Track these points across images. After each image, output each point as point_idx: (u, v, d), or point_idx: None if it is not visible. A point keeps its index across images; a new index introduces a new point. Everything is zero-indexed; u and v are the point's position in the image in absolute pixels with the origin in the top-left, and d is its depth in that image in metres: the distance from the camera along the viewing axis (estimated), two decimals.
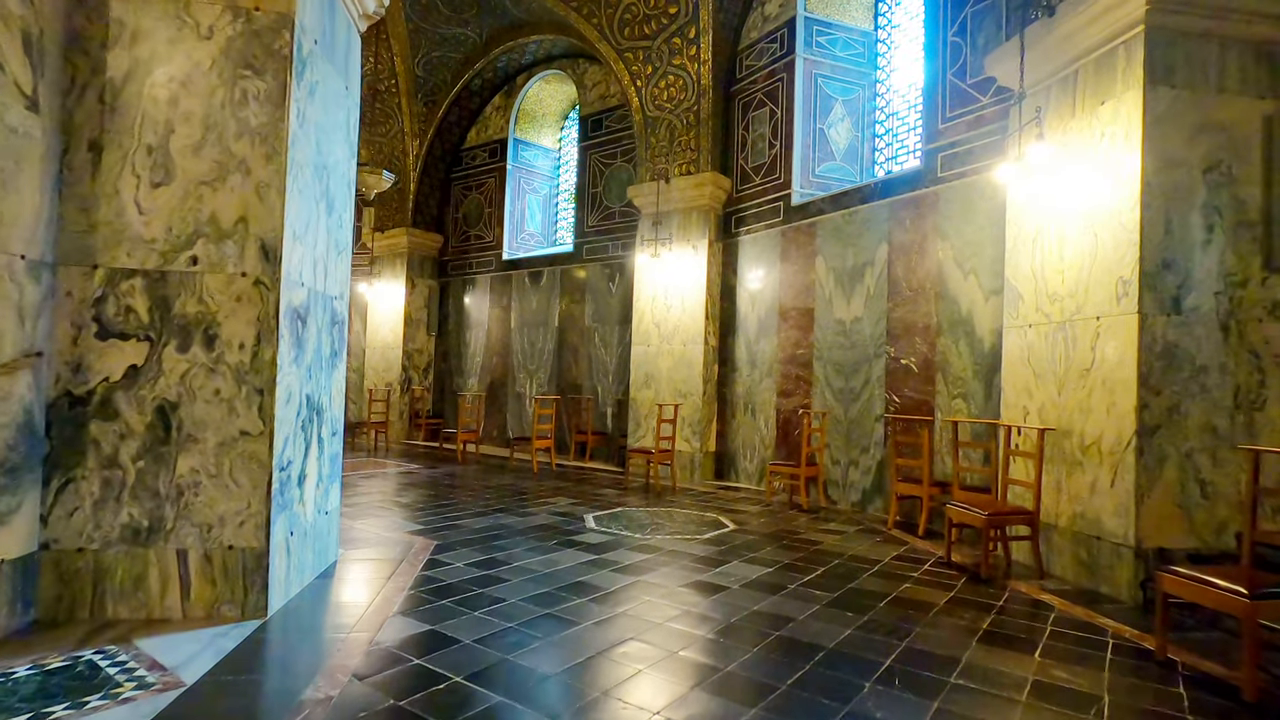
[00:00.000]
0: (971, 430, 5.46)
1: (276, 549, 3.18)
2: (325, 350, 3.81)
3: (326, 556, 3.95)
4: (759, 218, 7.88)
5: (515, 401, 11.01)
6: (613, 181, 10.03)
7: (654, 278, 8.56)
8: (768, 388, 7.61)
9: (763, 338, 7.73)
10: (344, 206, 4.05)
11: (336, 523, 4.13)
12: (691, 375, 8.17)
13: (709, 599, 3.59)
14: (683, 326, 8.28)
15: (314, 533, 3.71)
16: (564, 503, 6.29)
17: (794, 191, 7.49)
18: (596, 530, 5.17)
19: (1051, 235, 4.45)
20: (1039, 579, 4.18)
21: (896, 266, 6.26)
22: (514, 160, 11.63)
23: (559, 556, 4.35)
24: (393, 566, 4.01)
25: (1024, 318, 4.66)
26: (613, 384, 9.73)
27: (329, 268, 3.81)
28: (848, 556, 4.60)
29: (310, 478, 3.61)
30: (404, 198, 12.01)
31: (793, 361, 7.31)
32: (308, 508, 3.59)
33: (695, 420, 8.09)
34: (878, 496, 6.29)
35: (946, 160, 5.86)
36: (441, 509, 5.84)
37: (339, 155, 3.90)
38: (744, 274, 8.08)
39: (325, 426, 3.84)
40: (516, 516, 5.60)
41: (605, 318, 9.91)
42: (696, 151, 8.26)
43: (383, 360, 12.20)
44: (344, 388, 4.20)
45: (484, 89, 11.61)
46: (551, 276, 10.72)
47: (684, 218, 8.36)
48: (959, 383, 5.64)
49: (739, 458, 8.00)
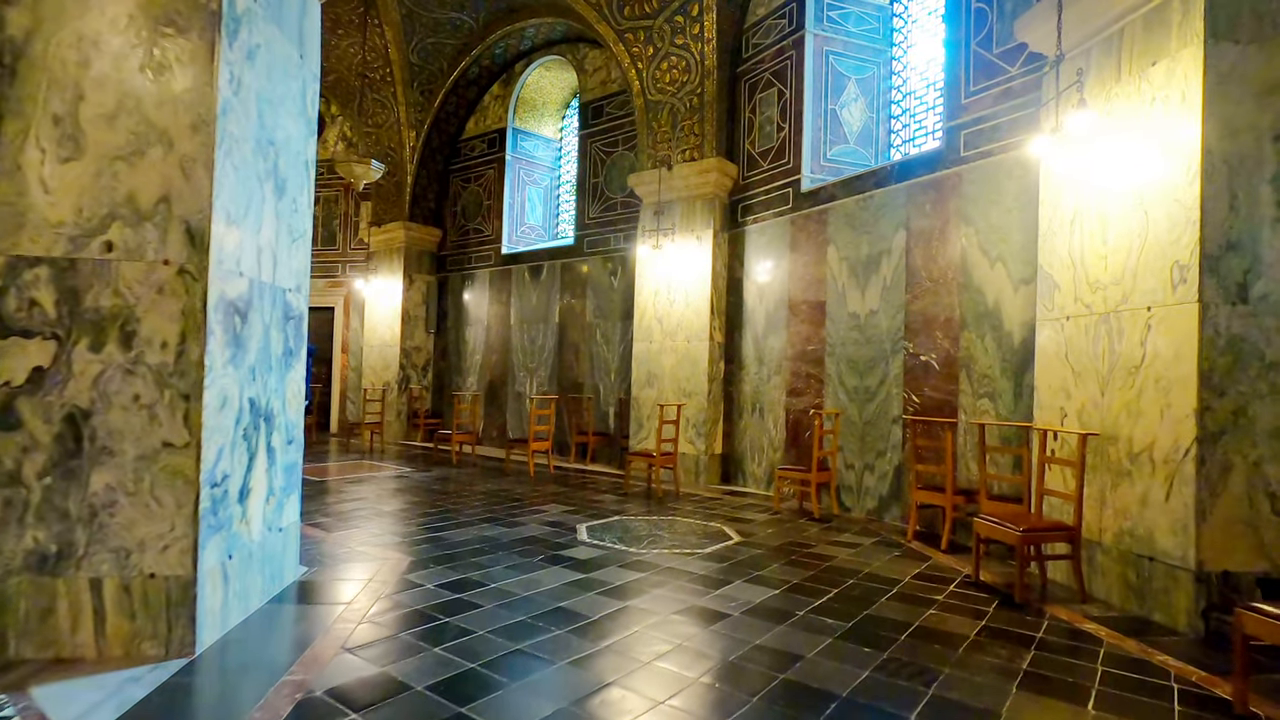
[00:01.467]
0: (999, 434, 4.98)
1: (207, 576, 2.78)
2: (275, 349, 3.41)
3: (281, 578, 3.55)
4: (767, 205, 7.41)
5: (515, 401, 10.62)
6: (614, 171, 9.59)
7: (656, 270, 8.11)
8: (776, 386, 7.15)
9: (771, 333, 7.27)
10: (299, 189, 3.64)
11: (294, 540, 3.74)
12: (696, 373, 7.73)
13: (707, 629, 3.15)
14: (686, 322, 7.83)
15: (263, 554, 3.31)
16: (557, 511, 5.88)
17: (804, 177, 7.01)
18: (588, 543, 4.75)
19: (1093, 216, 3.96)
20: (1080, 603, 3.71)
21: (915, 255, 5.78)
22: (513, 151, 11.22)
23: (542, 576, 3.93)
24: (357, 588, 3.61)
25: (1060, 309, 4.18)
26: (615, 382, 9.30)
27: (279, 257, 3.40)
28: (864, 575, 4.14)
29: (256, 492, 3.21)
30: (401, 191, 11.64)
31: (803, 358, 6.84)
32: (253, 526, 3.19)
33: (700, 421, 7.65)
34: (895, 504, 5.82)
35: (970, 138, 5.37)
36: (424, 519, 5.45)
37: (291, 131, 3.50)
38: (751, 266, 7.61)
39: (277, 434, 3.45)
40: (504, 527, 5.19)
41: (607, 313, 9.49)
42: (700, 137, 7.80)
43: (380, 359, 11.85)
44: (303, 390, 3.80)
45: (482, 77, 11.20)
46: (552, 271, 10.30)
47: (687, 207, 7.91)
48: (985, 381, 5.15)
49: (746, 461, 7.55)
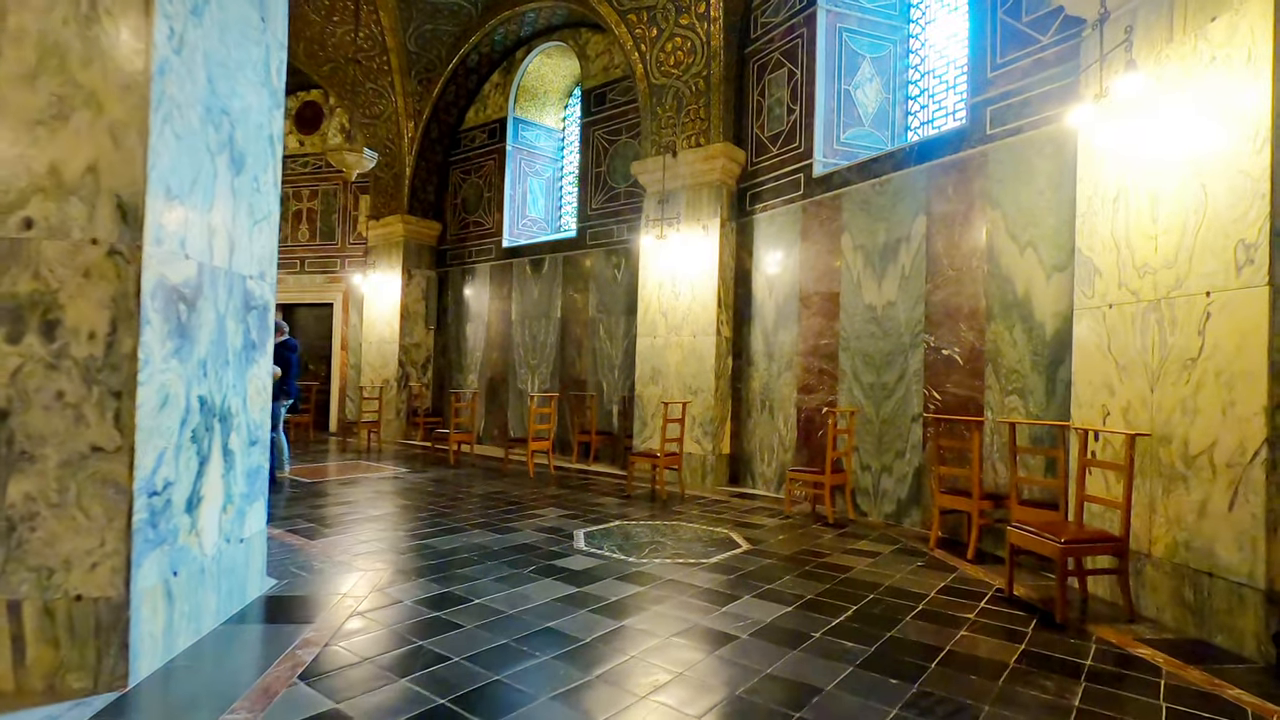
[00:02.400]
0: (1030, 434, 4.60)
1: (145, 597, 2.46)
2: (233, 341, 3.08)
3: (244, 594, 3.23)
4: (777, 192, 7.04)
5: (517, 399, 10.30)
6: (617, 160, 9.24)
7: (661, 262, 7.75)
8: (788, 383, 6.78)
9: (782, 327, 6.90)
10: (262, 166, 3.31)
11: (260, 552, 3.41)
12: (702, 369, 7.37)
13: (710, 655, 2.80)
14: (692, 315, 7.47)
15: (219, 569, 2.99)
16: (554, 515, 5.54)
17: (816, 161, 6.63)
18: (585, 552, 4.41)
19: (1140, 193, 3.57)
20: (1128, 623, 3.33)
21: (936, 242, 5.40)
22: (514, 141, 10.89)
23: (532, 590, 3.59)
24: (328, 605, 3.28)
25: (1102, 296, 3.79)
26: (619, 379, 8.96)
27: (237, 240, 3.08)
28: (885, 589, 3.78)
29: (209, 501, 2.89)
30: (399, 183, 11.34)
31: (816, 353, 6.47)
32: (206, 538, 2.87)
33: (706, 419, 7.29)
34: (915, 508, 5.44)
35: (998, 115, 4.97)
36: (413, 524, 5.12)
37: (250, 102, 3.16)
38: (760, 256, 7.24)
39: (236, 436, 3.12)
40: (496, 534, 4.85)
41: (610, 307, 9.14)
42: (706, 121, 7.43)
43: (379, 356, 11.56)
44: (267, 387, 3.48)
45: (482, 65, 10.87)
46: (554, 264, 9.96)
47: (693, 195, 7.54)
48: (1014, 376, 4.77)
49: (755, 461, 7.19)
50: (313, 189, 12.87)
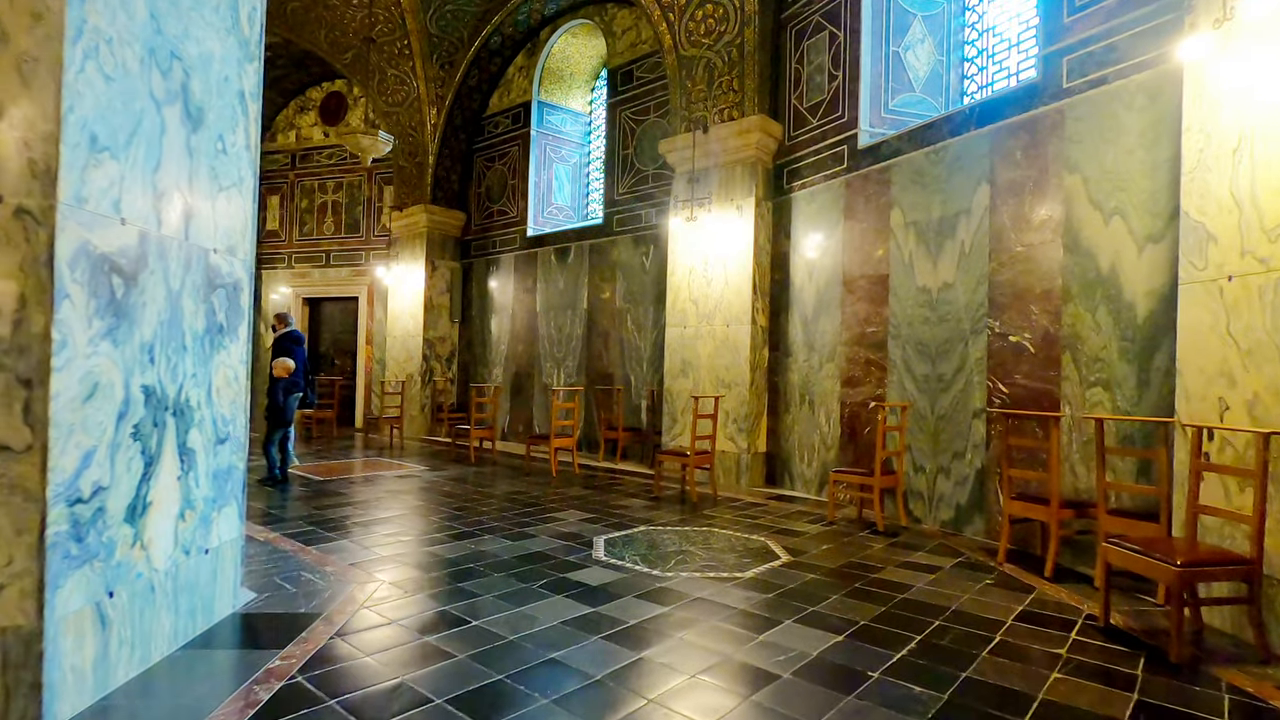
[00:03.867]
0: (1119, 432, 3.97)
1: (65, 625, 2.06)
2: (193, 324, 2.68)
3: (210, 612, 2.84)
4: (817, 167, 6.45)
5: (542, 394, 9.89)
6: (645, 140, 8.73)
7: (691, 246, 7.23)
8: (829, 375, 6.21)
9: (823, 314, 6.32)
10: (229, 125, 2.90)
11: (232, 563, 3.02)
12: (736, 361, 6.83)
13: (745, 701, 2.30)
14: (725, 303, 6.94)
15: (176, 585, 2.59)
16: (574, 519, 5.08)
17: (861, 131, 6.03)
18: (604, 562, 3.93)
19: (1272, 140, 2.93)
20: (1261, 664, 2.72)
21: (1002, 214, 4.77)
22: (538, 125, 10.46)
23: (540, 610, 3.13)
24: (305, 626, 2.87)
25: (1218, 267, 3.16)
26: (647, 373, 8.47)
27: (195, 206, 2.67)
28: (952, 613, 3.22)
29: (161, 507, 2.49)
30: (422, 172, 11.02)
31: (861, 342, 5.88)
32: (156, 551, 2.47)
33: (741, 415, 6.76)
34: (977, 515, 4.84)
35: (1076, 65, 4.33)
36: (420, 528, 4.72)
37: (211, 48, 2.75)
38: (799, 238, 6.67)
39: (199, 432, 2.72)
40: (508, 540, 4.42)
41: (638, 297, 8.65)
42: (740, 93, 6.88)
43: (403, 350, 11.28)
44: (243, 377, 3.08)
45: (505, 47, 10.47)
46: (579, 253, 9.52)
47: (725, 173, 7.00)
48: (1097, 365, 4.14)
49: (794, 461, 6.63)
50: (337, 181, 12.67)
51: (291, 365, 6.26)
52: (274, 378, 6.29)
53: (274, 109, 12.93)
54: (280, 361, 6.22)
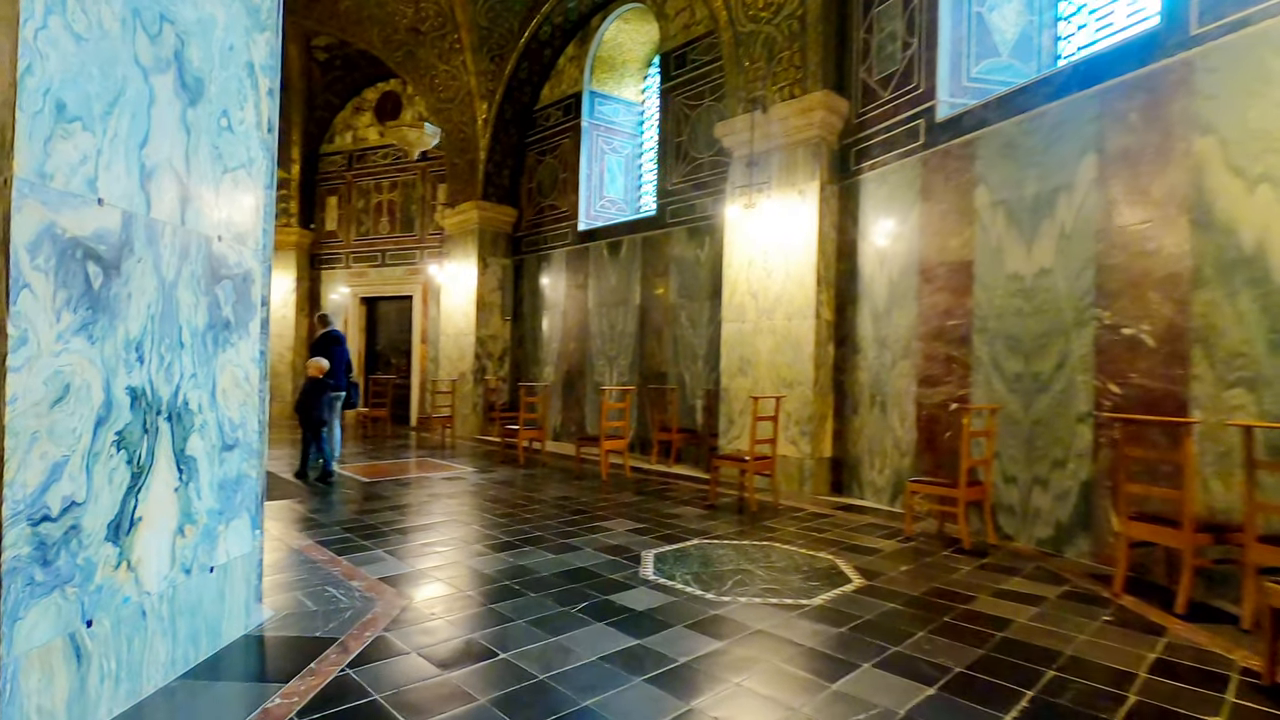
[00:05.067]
0: (1266, 441, 3.31)
1: (30, 661, 1.80)
2: (193, 319, 2.42)
3: (216, 635, 2.58)
4: (890, 145, 5.87)
5: (594, 393, 9.58)
6: (700, 126, 8.28)
7: (749, 235, 6.75)
8: (904, 374, 5.63)
9: (896, 307, 5.74)
10: (235, 100, 2.64)
11: (244, 580, 2.77)
12: (799, 358, 6.32)
13: None
14: (786, 296, 6.43)
15: (174, 608, 2.34)
16: (622, 530, 4.71)
17: (940, 103, 5.43)
18: (652, 582, 3.54)
19: None
20: None
21: (1112, 187, 4.13)
22: (590, 116, 10.14)
23: (578, 640, 2.75)
24: (316, 652, 2.59)
25: None
26: (703, 371, 8.03)
27: (193, 188, 2.41)
28: (1067, 661, 2.68)
29: (154, 523, 2.24)
30: (474, 168, 10.88)
31: (941, 337, 5.29)
32: (147, 571, 2.22)
33: (804, 417, 6.24)
34: (1082, 535, 4.21)
35: (1210, 6, 3.66)
36: (458, 537, 4.44)
37: (212, 13, 2.49)
38: (868, 223, 6.10)
39: (200, 439, 2.47)
40: (550, 553, 4.07)
41: (693, 291, 8.21)
42: (802, 69, 6.35)
43: (456, 348, 11.17)
44: (255, 378, 2.82)
45: (555, 37, 10.20)
46: (632, 247, 9.15)
47: (787, 156, 6.49)
48: (1239, 362, 3.47)
49: (863, 467, 6.07)
50: (392, 180, 12.70)
51: (324, 365, 6.27)
52: (309, 378, 6.32)
53: (331, 111, 13.08)
54: (313, 361, 6.29)
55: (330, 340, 6.51)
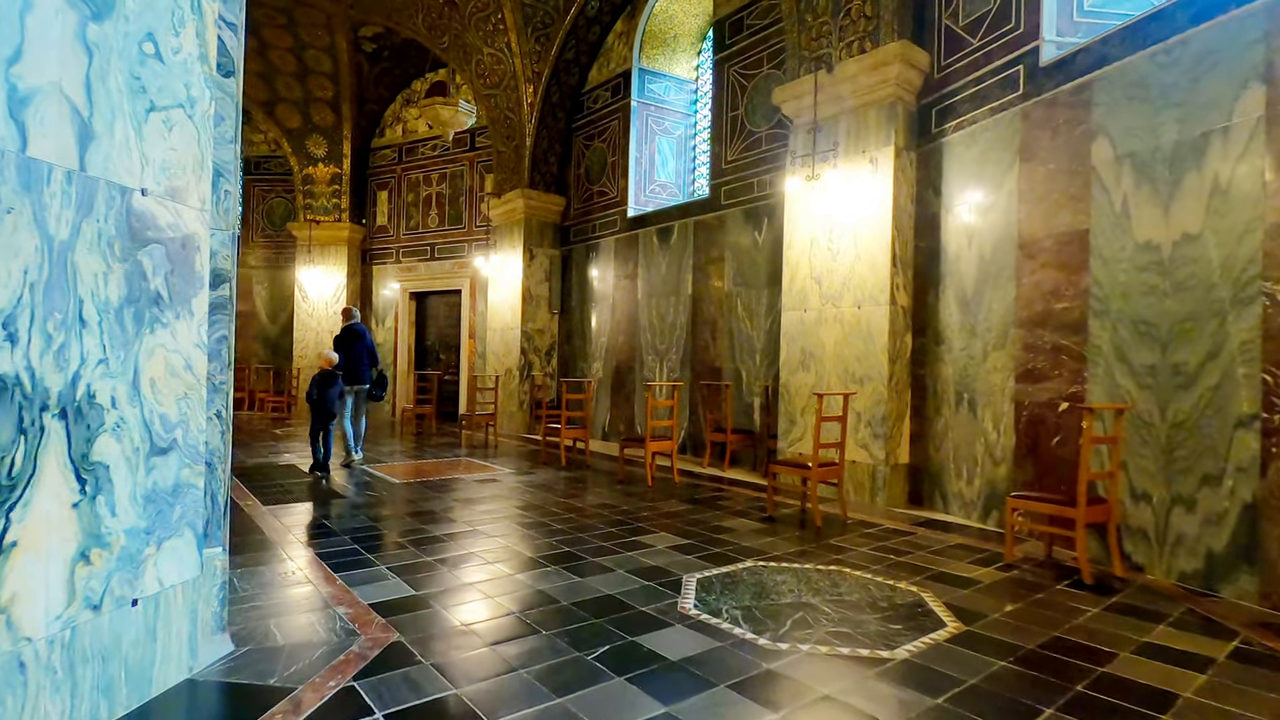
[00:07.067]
0: None
1: None
2: (106, 291, 1.93)
3: (143, 685, 2.09)
4: (980, 99, 5.02)
5: (643, 390, 8.95)
6: (757, 97, 7.54)
7: (812, 211, 5.99)
8: (999, 367, 4.78)
9: (989, 288, 4.89)
10: (162, 21, 2.13)
11: (185, 613, 2.27)
12: (870, 351, 5.53)
13: None
14: (856, 279, 5.64)
15: (78, 655, 1.86)
16: (664, 546, 4.07)
17: (1044, 43, 4.56)
18: (692, 619, 2.89)
19: None
20: None
21: None
22: (639, 95, 9.53)
23: (586, 706, 2.14)
24: (267, 704, 2.06)
25: None
26: (760, 366, 7.29)
27: (106, 127, 1.91)
28: None
29: (35, 548, 1.75)
30: (520, 156, 10.44)
31: (1047, 323, 4.42)
32: (29, 612, 1.73)
33: (876, 417, 5.45)
34: (1244, 569, 3.31)
35: None
36: (476, 551, 3.90)
37: None
38: (953, 192, 5.26)
39: (114, 440, 1.98)
40: (575, 575, 3.48)
41: (749, 279, 7.49)
42: (874, 18, 5.55)
43: (502, 343, 10.78)
44: (200, 366, 2.33)
45: (603, 12, 9.62)
46: (683, 232, 8.48)
47: (856, 119, 5.69)
48: None
49: (947, 476, 5.23)
50: (441, 172, 12.45)
51: (332, 358, 6.21)
52: (319, 370, 6.31)
53: (381, 105, 12.93)
54: (322, 354, 6.24)
55: (351, 334, 6.39)
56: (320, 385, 6.16)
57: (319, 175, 13.03)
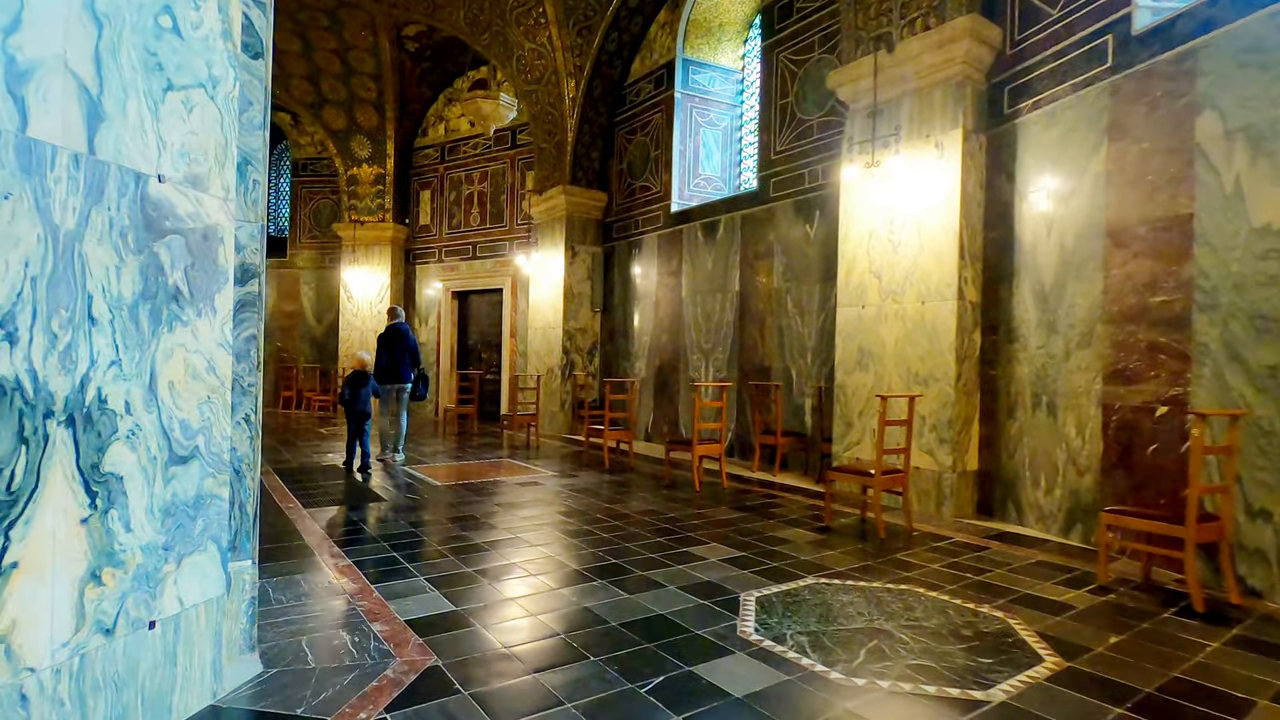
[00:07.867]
0: None
1: None
2: (119, 286, 1.76)
3: (162, 713, 1.93)
4: (1061, 74, 4.60)
5: (688, 390, 8.69)
6: (809, 84, 7.19)
7: (870, 201, 5.63)
8: (1083, 367, 4.36)
9: (1071, 281, 4.47)
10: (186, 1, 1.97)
11: (208, 634, 2.10)
12: (936, 349, 5.15)
13: None
14: (919, 273, 5.27)
15: (88, 684, 1.70)
16: (716, 559, 3.80)
17: (1138, 8, 4.13)
18: (754, 646, 2.62)
19: None
20: None
21: None
22: (683, 86, 9.24)
23: None
24: None
25: None
26: (812, 365, 6.95)
27: (110, 105, 1.75)
28: None
29: (38, 569, 1.59)
30: (561, 151, 10.27)
31: (1141, 319, 4.00)
32: (32, 639, 1.57)
33: (943, 421, 5.07)
34: None
35: None
36: (519, 563, 3.70)
37: None
38: (1029, 178, 4.84)
39: (125, 448, 1.81)
40: (623, 591, 3.24)
41: (800, 274, 7.15)
42: None
43: (543, 342, 10.63)
44: (224, 367, 2.16)
45: (645, 3, 9.37)
46: (730, 227, 8.18)
47: (920, 101, 5.32)
48: None
49: (1022, 484, 4.83)
50: (482, 171, 12.39)
51: (364, 358, 6.19)
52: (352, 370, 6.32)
53: (424, 104, 12.94)
54: (353, 354, 6.37)
55: (394, 333, 6.35)
56: (352, 385, 6.15)
57: (363, 176, 13.11)
